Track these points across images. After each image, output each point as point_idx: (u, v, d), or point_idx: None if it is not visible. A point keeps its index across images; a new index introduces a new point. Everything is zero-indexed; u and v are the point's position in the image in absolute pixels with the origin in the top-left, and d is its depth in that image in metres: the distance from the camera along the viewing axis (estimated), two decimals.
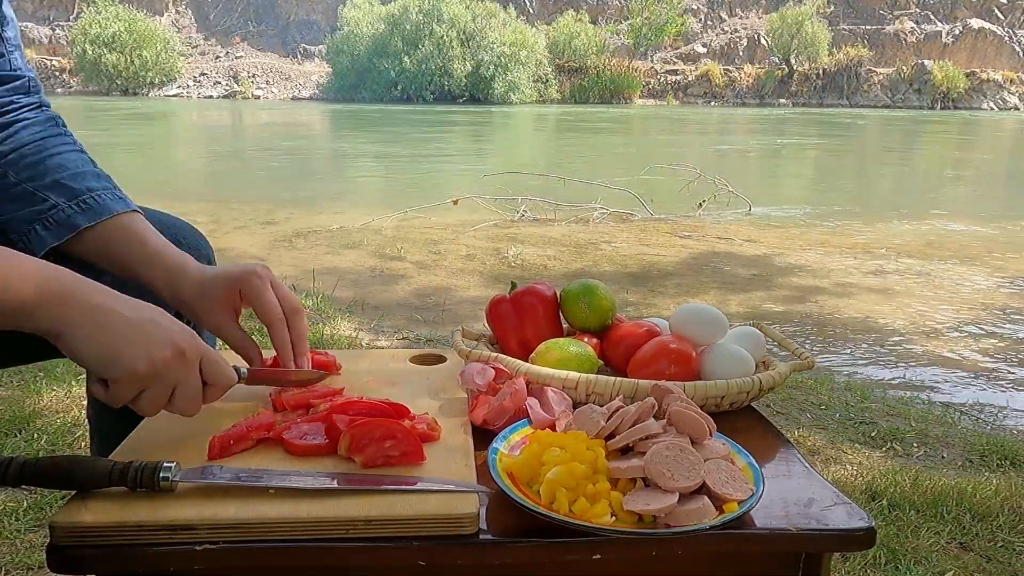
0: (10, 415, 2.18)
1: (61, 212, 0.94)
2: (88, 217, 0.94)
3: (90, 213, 0.94)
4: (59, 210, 0.94)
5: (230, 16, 50.22)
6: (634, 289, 4.48)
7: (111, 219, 0.95)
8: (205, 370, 0.78)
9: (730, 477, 0.72)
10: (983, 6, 45.98)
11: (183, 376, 0.75)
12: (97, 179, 0.99)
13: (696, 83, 43.90)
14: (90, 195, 0.96)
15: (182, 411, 0.77)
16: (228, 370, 0.80)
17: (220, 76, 45.10)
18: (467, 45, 39.91)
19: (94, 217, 0.94)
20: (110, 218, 0.95)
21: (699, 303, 1.09)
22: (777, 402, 2.64)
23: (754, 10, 48.62)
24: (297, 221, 6.47)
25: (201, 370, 0.77)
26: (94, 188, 0.97)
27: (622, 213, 6.76)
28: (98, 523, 0.65)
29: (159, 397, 0.75)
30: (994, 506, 1.89)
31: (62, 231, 0.93)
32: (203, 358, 0.77)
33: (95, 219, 0.94)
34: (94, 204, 0.95)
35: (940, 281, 4.87)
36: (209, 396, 0.79)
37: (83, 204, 0.95)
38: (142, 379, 0.73)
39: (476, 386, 0.92)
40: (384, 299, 4.20)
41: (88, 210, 0.95)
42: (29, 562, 1.54)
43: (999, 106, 41.84)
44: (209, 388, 0.79)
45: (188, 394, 0.76)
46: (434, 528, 0.67)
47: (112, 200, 0.97)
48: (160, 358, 0.73)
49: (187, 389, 0.76)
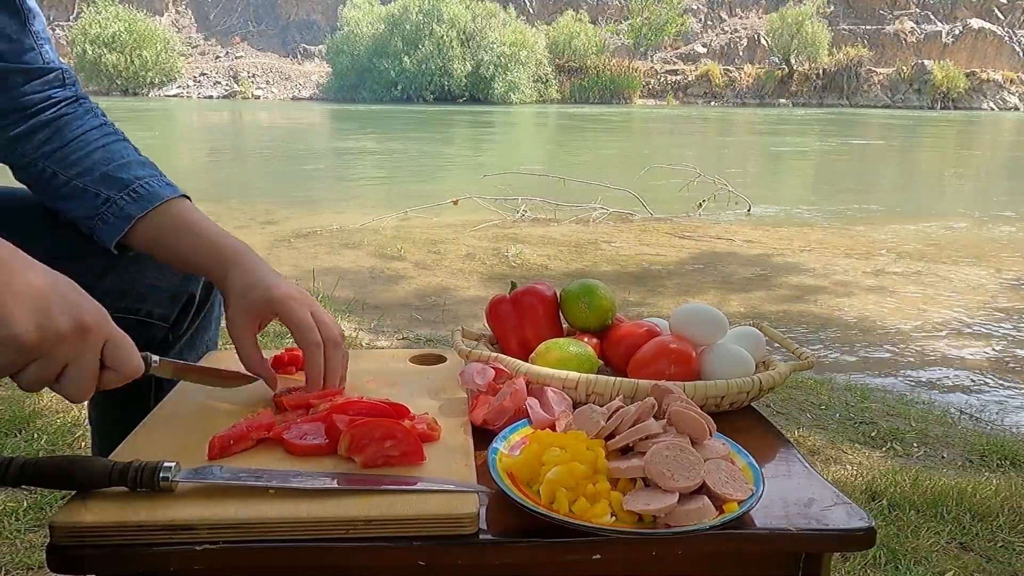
0: (10, 415, 2.18)
1: (115, 204, 0.94)
2: (140, 206, 0.94)
3: (141, 201, 0.94)
4: (112, 203, 0.94)
5: (230, 16, 50.23)
6: (634, 289, 4.48)
7: (162, 206, 0.95)
8: (108, 354, 0.70)
9: (730, 477, 0.72)
10: (983, 6, 45.99)
11: (78, 355, 0.67)
12: (143, 167, 0.98)
13: (696, 83, 43.93)
14: (139, 183, 0.95)
15: (69, 394, 0.69)
16: (135, 357, 0.72)
17: (220, 76, 45.13)
18: (467, 45, 39.94)
19: (146, 205, 0.94)
20: (161, 204, 0.95)
21: (699, 303, 1.09)
22: (777, 402, 2.64)
23: (754, 10, 48.64)
24: (297, 221, 6.48)
25: (104, 353, 0.70)
26: (141, 176, 0.96)
27: (622, 213, 6.77)
28: (98, 523, 0.65)
29: (45, 373, 0.66)
30: (994, 506, 1.89)
31: (120, 223, 0.93)
32: (108, 340, 0.69)
33: (147, 207, 0.94)
34: (144, 192, 0.95)
35: (940, 281, 4.87)
36: (106, 381, 0.71)
37: (134, 193, 0.95)
38: (28, 348, 0.63)
39: (476, 386, 0.92)
40: (384, 299, 4.20)
41: (139, 198, 0.94)
42: (29, 562, 1.54)
43: (999, 106, 41.87)
44: (107, 372, 0.70)
45: (80, 375, 0.68)
46: (434, 528, 0.67)
47: (160, 186, 0.97)
48: (54, 329, 0.64)
49: (79, 369, 0.68)
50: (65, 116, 0.99)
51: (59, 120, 0.99)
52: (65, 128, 0.98)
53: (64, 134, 0.98)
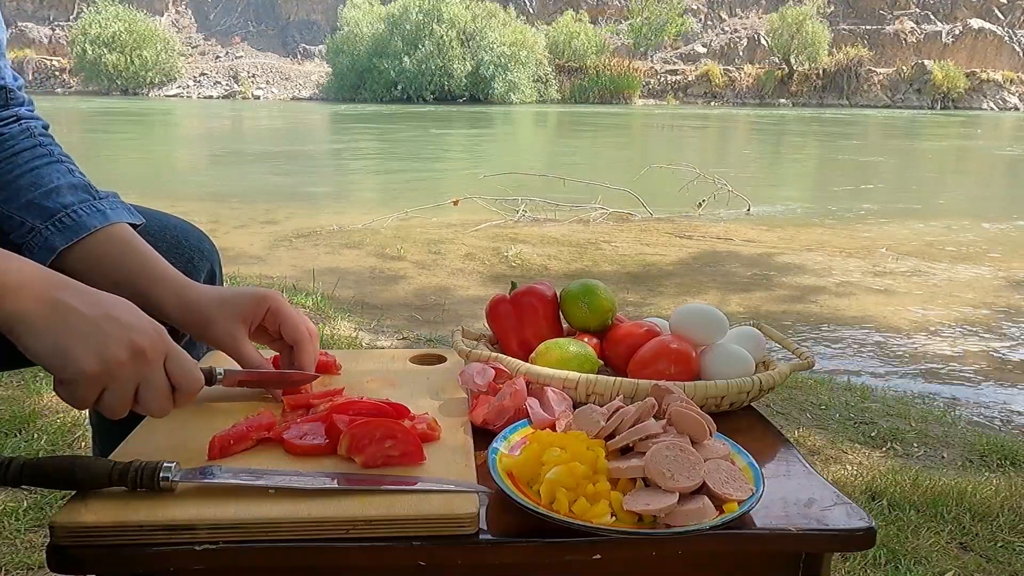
0: (10, 415, 2.18)
1: (39, 235, 0.88)
2: (65, 237, 0.88)
3: (67, 232, 0.89)
4: (36, 233, 0.89)
5: (230, 16, 50.23)
6: (634, 289, 4.48)
7: (92, 236, 0.89)
8: (169, 370, 0.73)
9: (730, 477, 0.72)
10: (983, 6, 45.99)
11: (144, 376, 0.71)
12: (73, 192, 0.92)
13: (696, 83, 43.91)
14: (64, 212, 0.90)
15: (150, 413, 0.73)
16: (195, 371, 0.75)
17: (220, 76, 45.11)
18: (467, 45, 39.93)
19: (71, 236, 0.89)
20: (89, 235, 0.89)
21: (699, 303, 1.09)
22: (777, 402, 2.64)
23: (754, 10, 48.64)
24: (297, 221, 6.48)
25: (167, 369, 0.73)
26: (69, 204, 0.90)
27: (622, 213, 6.77)
28: (98, 523, 0.65)
29: (120, 399, 0.70)
30: (994, 506, 1.89)
31: (44, 255, 0.88)
32: (167, 357, 0.72)
33: (72, 238, 0.88)
34: (70, 222, 0.89)
35: (940, 281, 4.87)
36: (179, 400, 0.74)
37: (59, 223, 0.89)
38: (95, 379, 0.68)
39: (476, 386, 0.92)
40: (384, 299, 4.20)
41: (65, 229, 0.89)
42: (29, 562, 1.54)
43: (999, 106, 41.85)
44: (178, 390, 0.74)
45: (153, 395, 0.72)
46: (434, 528, 0.67)
47: (89, 214, 0.91)
48: (113, 357, 0.68)
49: (151, 390, 0.72)
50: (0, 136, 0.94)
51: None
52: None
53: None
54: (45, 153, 0.95)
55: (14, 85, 0.97)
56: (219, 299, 0.90)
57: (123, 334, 0.69)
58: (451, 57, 39.20)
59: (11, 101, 0.96)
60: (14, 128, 0.95)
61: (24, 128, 0.96)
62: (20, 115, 0.97)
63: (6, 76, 0.96)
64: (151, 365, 0.71)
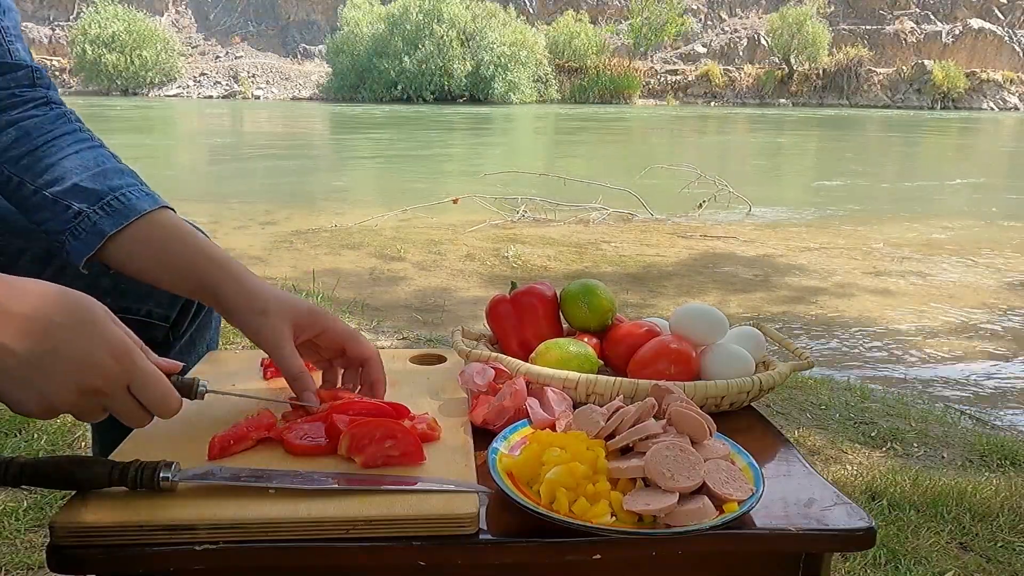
0: (10, 415, 2.18)
1: (87, 219, 0.86)
2: (114, 221, 0.86)
3: (116, 216, 0.86)
4: (84, 217, 0.86)
5: (230, 16, 50.23)
6: (634, 289, 4.48)
7: (141, 219, 0.86)
8: (137, 395, 0.68)
9: (730, 477, 0.72)
10: (983, 6, 45.99)
11: (105, 405, 0.68)
12: (120, 175, 0.90)
13: (696, 83, 43.91)
14: (113, 195, 0.87)
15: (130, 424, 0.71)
16: (166, 396, 0.70)
17: (220, 76, 45.11)
18: (467, 45, 39.92)
19: (121, 220, 0.86)
20: (139, 218, 0.86)
21: (699, 303, 1.09)
22: (777, 402, 2.64)
23: (754, 10, 48.63)
24: (297, 221, 6.48)
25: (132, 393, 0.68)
26: (117, 187, 0.88)
27: (622, 213, 6.77)
28: (98, 523, 0.65)
29: (87, 417, 0.68)
30: (994, 506, 1.89)
31: (92, 239, 0.85)
32: (132, 385, 0.68)
33: (122, 222, 0.86)
34: (119, 205, 0.87)
35: (940, 281, 4.87)
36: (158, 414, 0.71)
37: (108, 207, 0.86)
38: (47, 415, 0.66)
39: (476, 386, 0.92)
40: (384, 300, 4.20)
41: (114, 212, 0.86)
42: (29, 562, 1.54)
43: (999, 106, 41.86)
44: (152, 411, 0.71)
45: (125, 416, 0.69)
46: (434, 528, 0.67)
47: (139, 198, 0.88)
48: (59, 400, 0.65)
49: (118, 410, 0.68)
50: (34, 118, 0.91)
51: (27, 122, 0.90)
52: (34, 131, 0.90)
53: (33, 138, 0.89)
54: (87, 138, 0.93)
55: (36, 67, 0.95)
56: (277, 295, 0.86)
57: (68, 375, 0.64)
58: (451, 57, 39.19)
59: (38, 81, 0.93)
60: (49, 112, 0.93)
61: (61, 113, 0.94)
62: (50, 98, 0.94)
63: (27, 59, 0.93)
64: (111, 397, 0.67)
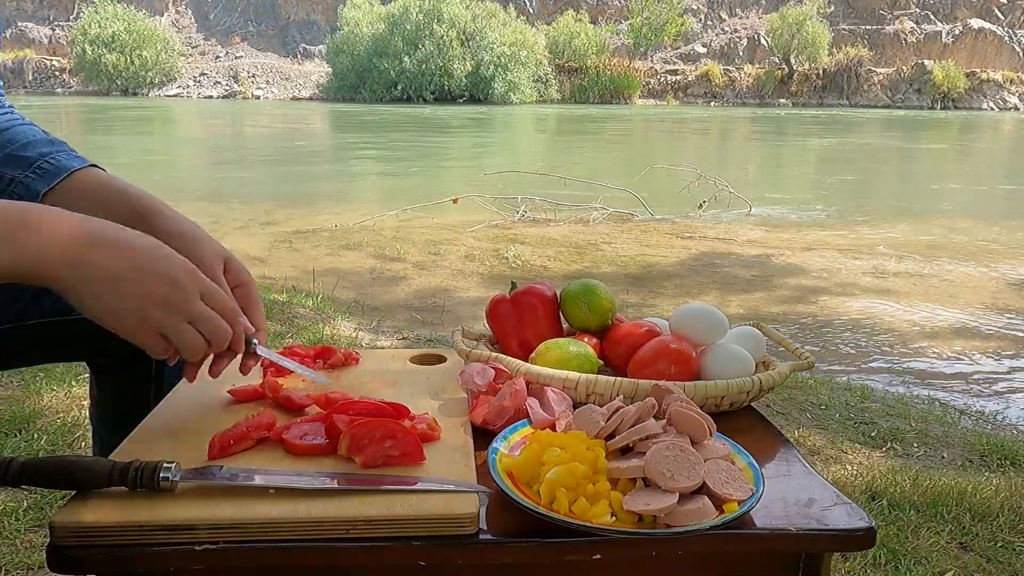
0: (10, 415, 2.18)
1: (19, 184, 0.92)
2: (46, 180, 0.92)
3: (47, 176, 0.92)
4: (17, 182, 0.92)
5: (230, 16, 50.23)
6: (634, 289, 4.48)
7: (72, 176, 0.92)
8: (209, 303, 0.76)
9: (730, 477, 0.72)
10: (983, 6, 45.99)
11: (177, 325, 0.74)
12: (50, 144, 0.96)
13: (696, 83, 43.91)
14: (43, 159, 0.93)
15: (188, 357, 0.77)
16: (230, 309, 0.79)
17: (220, 76, 45.12)
18: (467, 45, 39.92)
19: (51, 179, 0.92)
20: (69, 175, 0.92)
21: (699, 303, 1.08)
22: (777, 402, 2.64)
23: (754, 10, 48.63)
24: (297, 221, 6.48)
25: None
26: (46, 152, 0.94)
27: (622, 213, 6.77)
28: (98, 523, 0.65)
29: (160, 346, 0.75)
30: (994, 506, 1.89)
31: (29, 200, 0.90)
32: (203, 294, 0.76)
33: (53, 180, 0.92)
34: (49, 167, 0.93)
35: (940, 281, 4.87)
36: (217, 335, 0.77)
37: (39, 170, 0.92)
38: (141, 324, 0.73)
39: (476, 386, 0.92)
40: (384, 300, 4.20)
41: (45, 174, 0.92)
42: (29, 562, 1.54)
43: (999, 106, 41.86)
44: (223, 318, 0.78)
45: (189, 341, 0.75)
46: (434, 528, 0.67)
47: (68, 158, 0.94)
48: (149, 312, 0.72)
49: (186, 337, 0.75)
50: None
51: None
52: None
53: None
54: (17, 118, 0.99)
55: None
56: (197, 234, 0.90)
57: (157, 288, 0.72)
58: (451, 57, 39.19)
59: None
60: None
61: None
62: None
63: None
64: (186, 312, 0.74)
